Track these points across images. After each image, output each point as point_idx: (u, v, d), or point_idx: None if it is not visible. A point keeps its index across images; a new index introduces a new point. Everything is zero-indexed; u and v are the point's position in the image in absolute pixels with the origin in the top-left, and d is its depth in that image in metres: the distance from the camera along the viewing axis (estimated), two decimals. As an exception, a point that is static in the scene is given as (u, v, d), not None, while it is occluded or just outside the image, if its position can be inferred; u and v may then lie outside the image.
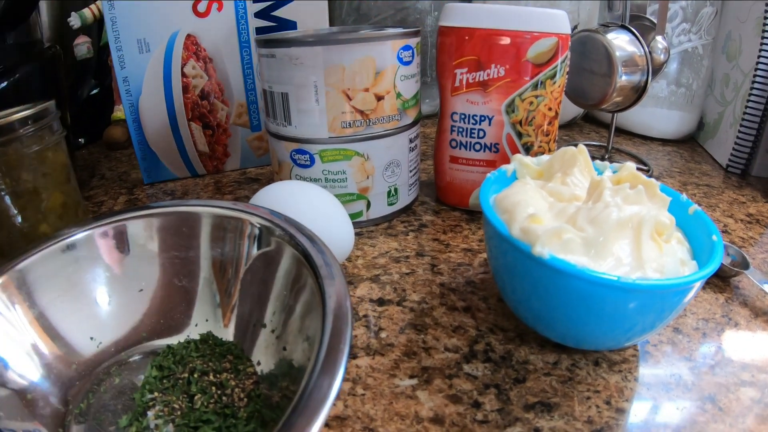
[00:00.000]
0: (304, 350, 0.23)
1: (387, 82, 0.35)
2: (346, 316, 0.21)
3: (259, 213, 0.28)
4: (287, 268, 0.26)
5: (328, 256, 0.24)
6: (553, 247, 0.23)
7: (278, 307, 0.27)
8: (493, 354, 0.27)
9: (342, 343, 0.19)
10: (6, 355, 0.25)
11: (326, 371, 0.18)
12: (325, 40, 0.34)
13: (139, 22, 0.45)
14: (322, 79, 0.34)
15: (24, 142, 0.32)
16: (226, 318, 0.29)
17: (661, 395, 0.25)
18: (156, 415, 0.25)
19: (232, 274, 0.29)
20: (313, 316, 0.23)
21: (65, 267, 0.29)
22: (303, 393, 0.18)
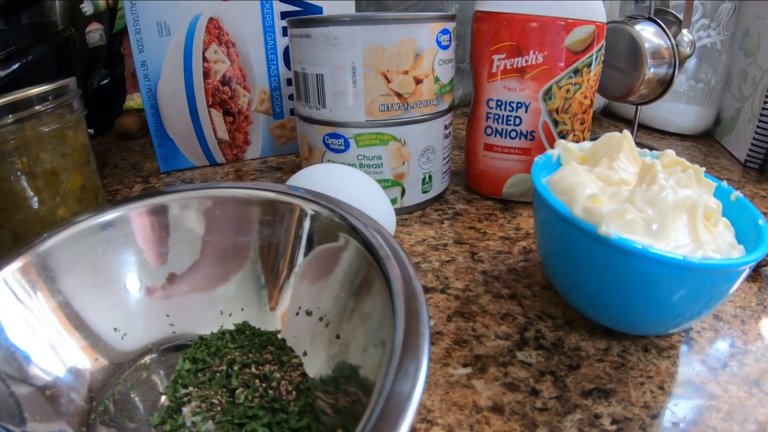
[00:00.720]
0: (372, 351, 0.21)
1: (426, 65, 0.35)
2: (418, 296, 0.20)
3: (309, 197, 0.27)
4: (344, 254, 0.25)
5: (385, 236, 0.23)
6: (617, 226, 0.23)
7: (330, 294, 0.25)
8: (545, 341, 0.27)
9: (421, 325, 0.18)
10: (27, 347, 0.23)
11: (409, 358, 0.17)
12: (366, 19, 0.33)
13: (160, 4, 0.44)
14: (361, 60, 0.33)
15: (42, 120, 0.31)
16: (273, 300, 0.27)
17: (710, 380, 0.24)
18: (193, 412, 0.23)
19: (279, 261, 0.28)
20: (376, 300, 0.22)
21: (92, 250, 0.27)
22: (384, 385, 0.16)
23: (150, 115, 0.47)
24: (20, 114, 0.30)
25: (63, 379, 0.24)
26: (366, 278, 0.23)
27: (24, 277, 0.25)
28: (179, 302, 0.28)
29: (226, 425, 0.22)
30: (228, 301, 0.28)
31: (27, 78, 0.44)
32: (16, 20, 0.44)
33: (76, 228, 0.27)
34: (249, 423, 0.22)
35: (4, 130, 0.29)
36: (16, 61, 0.43)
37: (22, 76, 0.43)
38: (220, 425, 0.22)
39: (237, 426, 0.22)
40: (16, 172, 0.31)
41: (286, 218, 0.28)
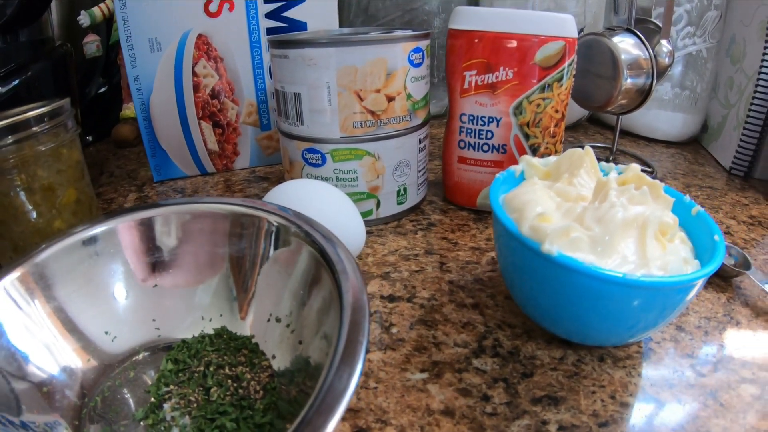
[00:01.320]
0: (321, 346, 0.24)
1: (398, 83, 0.36)
2: (363, 310, 0.22)
3: (275, 211, 0.29)
4: (304, 265, 0.27)
5: (343, 252, 0.25)
6: (561, 244, 0.24)
7: (295, 303, 0.27)
8: (501, 349, 0.28)
9: (360, 335, 0.20)
10: (26, 348, 0.26)
11: (346, 363, 0.19)
12: (338, 41, 0.35)
13: (151, 21, 0.46)
14: (335, 80, 0.35)
15: (39, 139, 0.33)
16: (242, 311, 0.30)
17: (664, 391, 0.26)
18: (172, 408, 0.26)
19: (249, 269, 0.30)
20: (330, 312, 0.24)
21: (84, 261, 0.30)
22: (323, 384, 0.18)
23: (143, 127, 0.49)
24: (19, 135, 0.32)
25: (58, 377, 0.26)
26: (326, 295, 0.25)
27: (23, 286, 0.27)
28: (164, 308, 0.30)
29: (200, 420, 0.25)
30: (207, 308, 0.31)
31: (26, 94, 0.45)
32: (15, 37, 0.46)
33: (69, 240, 0.30)
34: (220, 418, 0.24)
35: (5, 149, 0.32)
36: (15, 78, 0.45)
37: (21, 93, 0.45)
38: (195, 420, 0.25)
39: (210, 420, 0.25)
40: (16, 188, 0.33)
41: (255, 231, 0.30)
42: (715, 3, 0.57)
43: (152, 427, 0.25)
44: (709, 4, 0.57)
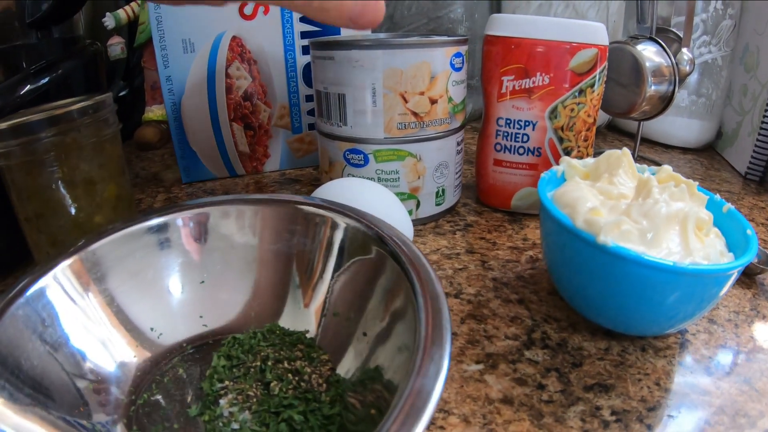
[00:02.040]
0: (399, 357, 0.24)
1: (440, 86, 0.39)
2: (440, 298, 0.23)
3: (341, 209, 0.31)
4: (383, 273, 0.28)
5: (414, 252, 0.26)
6: (614, 236, 0.26)
7: (360, 300, 0.28)
8: (550, 341, 0.30)
9: (444, 336, 0.21)
10: (80, 343, 0.26)
11: (431, 363, 0.19)
12: (385, 44, 0.37)
13: (185, 22, 0.48)
14: (381, 81, 0.37)
15: (82, 132, 0.34)
16: (306, 298, 0.31)
17: (703, 378, 0.28)
18: (230, 403, 0.26)
19: (312, 266, 0.31)
20: (406, 312, 0.24)
21: (137, 251, 0.30)
22: (411, 383, 0.19)
23: (173, 127, 0.51)
24: (61, 127, 0.33)
25: (109, 373, 0.27)
26: (394, 287, 0.26)
27: (74, 277, 0.28)
28: (213, 304, 0.31)
29: (263, 414, 0.25)
30: (259, 304, 0.31)
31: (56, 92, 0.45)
32: (48, 34, 0.46)
33: (127, 230, 0.30)
34: (285, 411, 0.25)
35: (47, 141, 0.33)
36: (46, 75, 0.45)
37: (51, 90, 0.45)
38: (257, 414, 0.25)
39: (273, 414, 0.25)
40: (57, 181, 0.34)
41: (320, 229, 0.31)
42: (730, 12, 0.60)
43: (209, 423, 0.25)
44: (724, 13, 0.60)
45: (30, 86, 0.42)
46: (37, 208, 0.35)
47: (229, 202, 0.32)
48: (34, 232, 0.36)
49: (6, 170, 0.34)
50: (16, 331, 0.25)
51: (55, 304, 0.27)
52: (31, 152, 0.33)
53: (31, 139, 0.33)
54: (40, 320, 0.26)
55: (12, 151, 0.33)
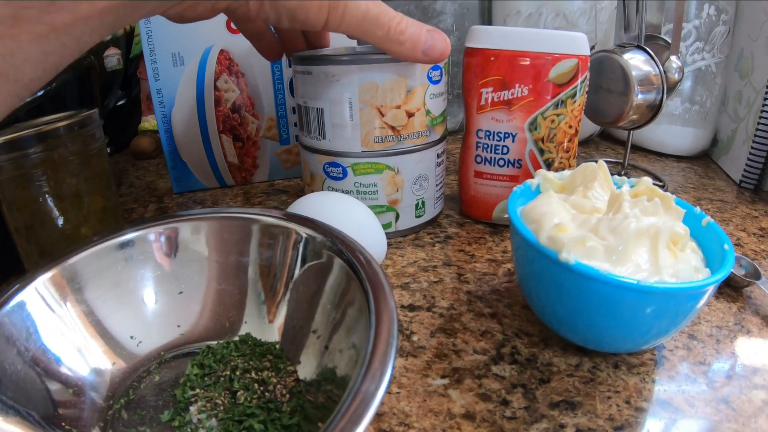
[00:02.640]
0: (349, 354, 0.25)
1: (417, 99, 0.38)
2: (392, 319, 0.23)
3: (303, 222, 0.31)
4: (333, 275, 0.29)
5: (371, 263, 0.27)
6: (578, 253, 0.26)
7: (322, 311, 0.29)
8: (519, 356, 0.30)
9: (390, 343, 0.21)
10: (57, 350, 0.27)
11: (376, 369, 0.20)
12: (361, 59, 0.37)
13: (174, 36, 0.49)
14: (357, 96, 0.37)
15: (68, 148, 0.36)
16: (270, 315, 0.31)
17: (678, 396, 0.27)
18: (199, 410, 0.27)
19: (277, 279, 0.31)
20: (359, 321, 0.25)
21: (115, 265, 0.31)
22: (354, 387, 0.19)
23: (164, 139, 0.51)
24: (49, 143, 0.34)
25: (86, 379, 0.28)
26: (346, 291, 0.27)
27: (53, 288, 0.29)
28: (189, 314, 0.32)
29: (228, 422, 0.26)
30: (231, 315, 0.32)
31: (50, 105, 0.47)
32: None
33: (101, 245, 0.31)
34: (247, 420, 0.26)
35: (35, 156, 0.34)
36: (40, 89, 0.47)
37: (45, 104, 0.46)
38: (222, 422, 0.26)
39: (237, 422, 0.26)
40: (45, 194, 0.35)
41: (283, 241, 0.31)
42: (723, 18, 0.59)
43: (179, 429, 0.26)
44: (718, 19, 0.59)
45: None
46: (26, 219, 0.36)
47: (199, 218, 0.33)
48: (24, 243, 0.37)
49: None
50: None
51: (36, 316, 0.28)
52: (20, 167, 0.34)
53: (21, 154, 0.34)
54: (21, 330, 0.27)
55: (2, 166, 0.34)
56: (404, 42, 0.32)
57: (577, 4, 0.58)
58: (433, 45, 0.33)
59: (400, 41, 0.32)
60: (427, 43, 0.33)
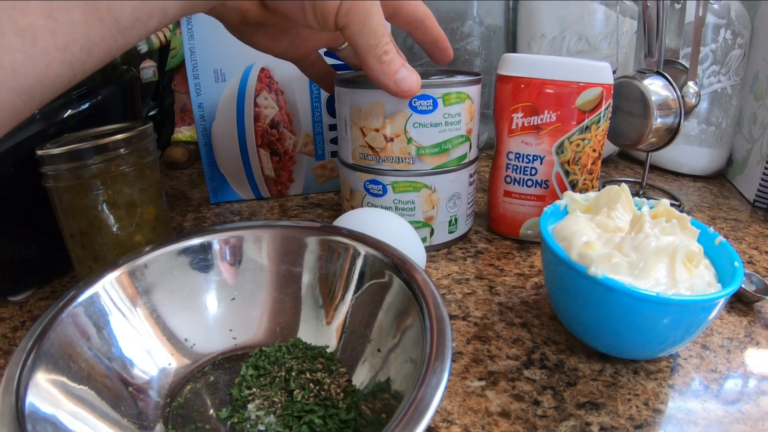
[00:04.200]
0: (406, 367, 0.28)
1: (396, 126, 0.43)
2: (446, 330, 0.27)
3: (363, 239, 0.35)
4: (393, 295, 0.32)
5: (424, 279, 0.31)
6: (605, 268, 0.30)
7: (379, 326, 0.32)
8: (548, 362, 0.34)
9: (446, 352, 0.25)
10: (125, 348, 0.31)
11: (434, 372, 0.23)
12: (351, 82, 0.43)
13: (217, 53, 0.53)
14: (348, 115, 0.44)
15: (126, 160, 0.39)
16: (328, 317, 0.35)
17: (691, 399, 0.31)
18: (257, 408, 0.30)
19: (335, 290, 0.35)
20: (412, 328, 0.29)
21: (178, 268, 0.35)
22: (415, 391, 0.23)
23: (204, 151, 0.56)
24: (108, 155, 0.38)
25: (151, 378, 0.31)
26: (405, 308, 0.30)
27: (120, 287, 0.33)
28: (242, 319, 0.36)
29: (287, 418, 0.29)
30: (282, 321, 0.36)
31: (95, 118, 0.48)
32: None
33: (166, 249, 0.35)
34: (306, 415, 0.29)
35: (94, 167, 0.38)
36: (86, 101, 0.48)
37: (91, 116, 0.48)
38: (281, 418, 0.29)
39: (296, 418, 0.29)
40: (102, 203, 0.39)
41: (342, 255, 0.36)
42: (739, 42, 0.64)
43: (238, 424, 0.29)
44: (734, 43, 0.64)
45: (72, 111, 0.46)
46: (82, 226, 0.40)
47: (262, 227, 0.37)
48: (77, 248, 0.41)
49: (54, 190, 0.39)
50: (68, 334, 0.29)
51: (105, 311, 0.32)
52: (79, 176, 0.38)
53: (80, 164, 0.38)
54: (89, 325, 0.30)
55: (62, 174, 0.38)
56: (384, 62, 0.35)
57: (599, 29, 0.63)
58: (405, 79, 0.36)
59: (381, 59, 0.35)
60: (402, 74, 0.36)
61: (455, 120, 0.43)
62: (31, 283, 0.45)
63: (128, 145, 0.39)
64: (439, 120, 0.43)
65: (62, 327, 0.29)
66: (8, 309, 0.42)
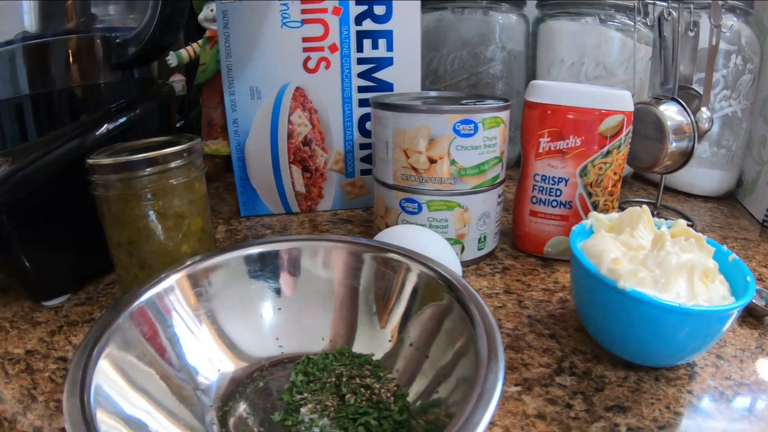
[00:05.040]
0: (461, 388, 0.29)
1: (441, 148, 0.48)
2: (497, 337, 0.30)
3: (415, 257, 0.39)
4: (445, 312, 0.35)
5: (474, 297, 0.34)
6: (632, 282, 0.35)
7: (437, 346, 0.35)
8: (577, 370, 0.39)
9: (498, 363, 0.28)
10: (186, 348, 0.35)
11: (485, 395, 0.26)
12: (396, 107, 0.48)
13: (254, 71, 0.58)
14: (391, 137, 0.49)
15: (174, 173, 0.42)
16: (382, 321, 0.39)
17: (709, 404, 0.36)
18: (310, 411, 0.32)
19: (387, 307, 0.38)
20: (467, 349, 0.31)
21: (236, 276, 0.38)
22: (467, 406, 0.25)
23: (237, 166, 0.61)
24: (160, 167, 0.41)
25: (207, 382, 0.34)
26: (460, 329, 0.33)
27: (181, 292, 0.36)
28: (289, 328, 0.39)
29: (342, 420, 0.32)
30: (331, 331, 0.39)
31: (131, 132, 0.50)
32: (130, 75, 0.51)
33: (226, 256, 0.39)
34: (362, 417, 0.31)
35: (146, 178, 0.41)
36: (124, 115, 0.49)
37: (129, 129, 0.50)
38: (335, 420, 0.32)
39: (351, 420, 0.31)
40: (152, 213, 0.42)
41: (396, 271, 0.39)
42: (749, 68, 0.69)
43: (293, 427, 0.31)
44: (744, 68, 0.69)
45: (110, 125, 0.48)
46: (130, 235, 0.42)
47: (319, 240, 0.42)
48: (124, 256, 0.43)
49: (103, 200, 0.41)
50: (133, 329, 0.32)
51: (169, 310, 0.35)
52: (130, 186, 0.41)
53: (132, 175, 0.40)
54: (153, 322, 0.34)
55: (112, 184, 0.40)
56: None
57: (616, 55, 0.69)
58: None
59: None
60: None
61: (492, 143, 0.49)
62: (66, 289, 0.48)
63: (178, 158, 0.42)
64: (479, 143, 0.48)
65: (128, 321, 0.32)
66: (43, 313, 0.45)
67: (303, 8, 0.57)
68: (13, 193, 0.42)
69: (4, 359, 0.40)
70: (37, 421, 0.34)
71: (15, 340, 0.42)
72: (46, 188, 0.44)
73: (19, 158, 0.43)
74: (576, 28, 0.70)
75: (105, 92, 0.49)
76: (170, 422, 0.30)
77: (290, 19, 0.57)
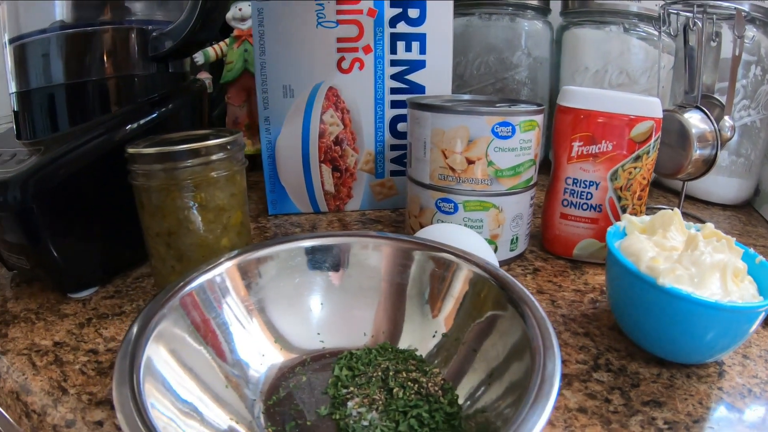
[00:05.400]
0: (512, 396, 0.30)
1: (479, 149, 0.50)
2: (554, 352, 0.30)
3: (466, 255, 0.40)
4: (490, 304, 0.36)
5: (531, 300, 0.34)
6: (670, 279, 0.37)
7: (486, 350, 0.35)
8: (612, 366, 0.41)
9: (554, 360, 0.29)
10: (236, 336, 0.36)
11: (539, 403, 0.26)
12: (435, 108, 0.50)
13: (287, 70, 0.60)
14: (429, 137, 0.51)
15: (216, 166, 0.43)
16: (435, 310, 0.39)
17: (738, 400, 0.38)
18: (358, 405, 0.33)
19: (437, 305, 0.39)
20: (519, 354, 0.31)
21: (284, 268, 0.39)
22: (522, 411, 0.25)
23: (267, 164, 0.63)
24: (202, 159, 0.41)
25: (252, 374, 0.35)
26: (514, 331, 0.33)
27: (231, 281, 0.37)
28: (331, 323, 0.40)
29: (392, 413, 0.32)
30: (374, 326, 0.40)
31: (163, 126, 0.50)
32: (164, 68, 0.51)
33: (281, 247, 0.40)
34: (412, 410, 0.32)
35: (189, 169, 0.41)
36: (156, 110, 0.50)
37: (161, 123, 0.50)
38: (385, 413, 0.32)
39: (402, 413, 0.32)
40: (193, 205, 0.42)
41: (447, 269, 0.40)
42: (768, 78, 0.72)
43: (341, 421, 0.32)
44: (763, 79, 0.72)
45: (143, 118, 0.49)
46: (170, 226, 0.43)
47: (370, 237, 0.42)
48: (161, 247, 0.44)
49: (144, 189, 0.42)
50: (183, 314, 0.33)
51: (215, 299, 0.36)
52: (172, 177, 0.41)
53: (175, 166, 0.41)
54: (202, 308, 0.35)
55: (155, 174, 0.41)
56: None
57: (639, 64, 0.72)
58: None
59: None
60: None
61: (528, 145, 0.51)
62: (94, 282, 0.49)
63: (222, 151, 0.43)
64: (516, 145, 0.50)
65: (179, 306, 0.33)
66: (70, 305, 0.46)
67: (338, 9, 0.60)
68: (44, 183, 0.42)
69: (31, 351, 0.40)
70: (69, 414, 0.34)
71: (42, 332, 0.42)
72: (77, 179, 0.44)
73: (50, 148, 0.44)
74: (600, 36, 0.73)
75: (139, 85, 0.50)
76: (221, 410, 0.31)
77: (325, 19, 0.59)
